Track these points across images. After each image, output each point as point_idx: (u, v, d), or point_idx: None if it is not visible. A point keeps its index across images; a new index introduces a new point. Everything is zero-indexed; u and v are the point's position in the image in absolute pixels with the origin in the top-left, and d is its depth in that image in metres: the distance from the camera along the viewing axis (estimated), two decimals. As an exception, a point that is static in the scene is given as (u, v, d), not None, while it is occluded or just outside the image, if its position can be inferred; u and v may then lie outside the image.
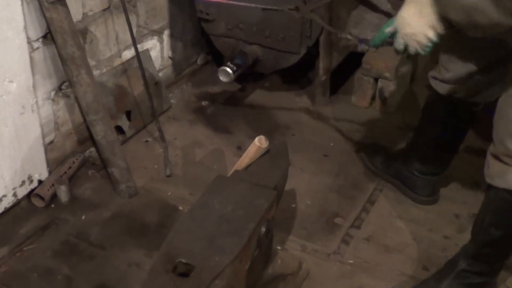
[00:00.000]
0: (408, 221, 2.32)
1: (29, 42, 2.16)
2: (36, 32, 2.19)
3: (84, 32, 2.47)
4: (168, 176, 2.55)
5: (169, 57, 3.17)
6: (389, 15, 2.42)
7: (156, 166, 2.61)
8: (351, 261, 2.12)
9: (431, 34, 1.50)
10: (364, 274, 2.07)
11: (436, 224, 2.31)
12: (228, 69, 2.81)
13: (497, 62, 1.84)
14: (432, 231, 2.28)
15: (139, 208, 2.35)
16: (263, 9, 2.82)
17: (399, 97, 3.07)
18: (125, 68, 2.76)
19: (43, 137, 2.35)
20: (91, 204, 2.36)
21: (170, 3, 3.02)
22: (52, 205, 2.33)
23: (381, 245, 2.20)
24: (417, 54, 1.61)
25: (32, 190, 2.33)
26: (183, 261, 1.47)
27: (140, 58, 2.61)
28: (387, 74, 2.95)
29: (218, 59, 3.34)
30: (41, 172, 2.36)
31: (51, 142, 2.45)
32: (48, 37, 2.24)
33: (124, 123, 2.73)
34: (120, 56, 2.75)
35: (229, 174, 1.91)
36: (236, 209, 1.64)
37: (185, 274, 1.46)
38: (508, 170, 1.58)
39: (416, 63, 3.21)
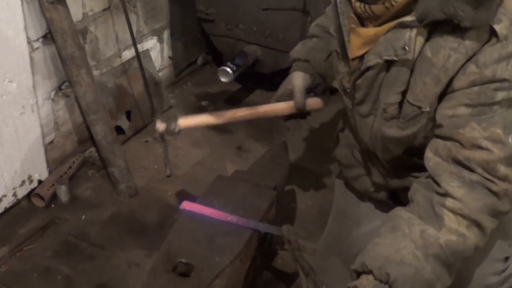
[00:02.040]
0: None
1: (29, 42, 2.16)
2: (36, 32, 2.19)
3: (84, 32, 2.47)
4: (168, 176, 2.53)
5: (169, 57, 3.17)
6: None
7: (156, 166, 2.61)
8: (351, 261, 2.12)
9: None
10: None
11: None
12: (228, 69, 2.81)
13: None
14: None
15: (139, 208, 2.35)
16: (264, 9, 2.82)
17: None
18: (125, 68, 2.76)
19: (43, 137, 2.35)
20: (91, 204, 2.36)
21: (170, 3, 3.02)
22: (52, 205, 2.33)
23: (381, 245, 2.20)
24: None
25: (32, 190, 2.33)
26: (183, 261, 1.47)
27: (140, 58, 2.61)
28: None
29: (218, 59, 3.34)
30: (41, 172, 2.36)
31: (51, 142, 2.44)
32: (48, 37, 2.24)
33: (124, 123, 2.73)
34: (120, 56, 2.75)
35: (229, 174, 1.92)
36: (236, 209, 1.64)
37: (185, 274, 1.46)
38: None
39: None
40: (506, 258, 1.56)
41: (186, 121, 1.79)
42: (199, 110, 3.05)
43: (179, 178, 2.54)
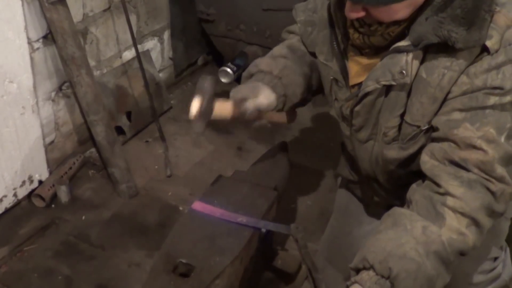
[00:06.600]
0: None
1: (29, 42, 2.16)
2: (36, 32, 2.19)
3: (84, 33, 2.47)
4: (168, 176, 2.55)
5: (170, 58, 3.17)
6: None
7: (156, 167, 2.61)
8: (351, 261, 2.12)
9: None
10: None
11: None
12: (229, 70, 2.81)
13: None
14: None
15: (140, 208, 2.35)
16: (264, 10, 2.82)
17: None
18: (125, 68, 2.76)
19: (44, 137, 2.35)
20: (92, 204, 2.36)
21: (170, 3, 3.02)
22: (53, 205, 2.33)
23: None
24: None
25: (33, 190, 2.33)
26: (184, 261, 1.47)
27: (140, 58, 2.61)
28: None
29: (219, 60, 3.34)
30: (41, 172, 2.36)
31: (52, 142, 2.45)
32: (48, 37, 2.24)
33: (125, 123, 2.73)
34: (120, 57, 2.75)
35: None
36: (237, 209, 1.64)
37: (185, 274, 1.46)
38: None
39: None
40: (495, 259, 1.56)
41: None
42: (200, 110, 3.05)
43: (179, 178, 2.54)
